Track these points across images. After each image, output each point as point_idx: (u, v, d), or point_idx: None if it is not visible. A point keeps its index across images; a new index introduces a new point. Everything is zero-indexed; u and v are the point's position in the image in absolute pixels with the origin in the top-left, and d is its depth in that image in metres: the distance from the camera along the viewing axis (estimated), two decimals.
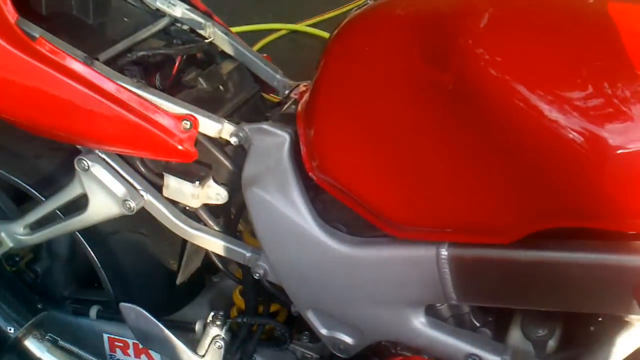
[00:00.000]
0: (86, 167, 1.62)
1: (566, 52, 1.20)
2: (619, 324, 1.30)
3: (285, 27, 4.47)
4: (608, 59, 1.18)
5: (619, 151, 1.11)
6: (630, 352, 1.30)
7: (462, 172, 1.27)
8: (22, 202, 2.07)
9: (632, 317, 1.28)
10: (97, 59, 1.58)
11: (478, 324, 1.51)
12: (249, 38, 1.98)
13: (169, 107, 1.54)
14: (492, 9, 1.29)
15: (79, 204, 1.71)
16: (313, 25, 4.51)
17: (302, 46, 4.38)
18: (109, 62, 1.63)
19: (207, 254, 1.87)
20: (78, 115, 1.55)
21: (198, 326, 1.84)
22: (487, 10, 1.28)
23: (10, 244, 1.90)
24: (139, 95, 1.53)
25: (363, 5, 1.48)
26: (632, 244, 1.19)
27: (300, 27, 4.51)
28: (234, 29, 1.96)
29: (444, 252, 1.33)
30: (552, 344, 1.41)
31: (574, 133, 1.13)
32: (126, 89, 1.53)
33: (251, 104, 1.83)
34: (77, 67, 1.52)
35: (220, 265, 1.79)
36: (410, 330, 1.47)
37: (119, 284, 1.96)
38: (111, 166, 1.63)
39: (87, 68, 1.53)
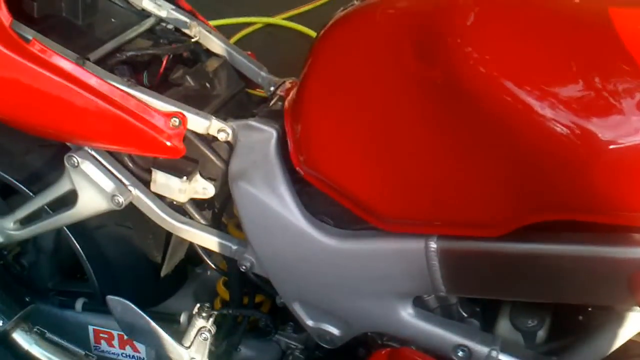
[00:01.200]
0: (76, 164, 1.65)
1: (554, 47, 1.22)
2: (609, 315, 1.32)
3: (260, 20, 4.47)
4: (597, 54, 1.20)
5: (609, 144, 1.13)
6: (620, 342, 1.32)
7: (450, 165, 1.29)
8: (7, 196, 2.09)
9: (623, 308, 1.29)
10: (88, 59, 1.60)
11: (466, 315, 1.52)
12: (225, 31, 2.00)
13: (158, 105, 1.56)
14: (480, 6, 1.30)
15: (68, 199, 1.74)
16: (289, 19, 4.50)
17: (277, 39, 4.39)
18: (99, 62, 1.65)
19: (190, 246, 1.89)
20: (71, 114, 1.56)
21: (183, 318, 1.88)
22: (474, 8, 1.29)
23: (0, 239, 1.93)
24: (129, 94, 1.55)
25: (349, 4, 1.49)
26: (622, 235, 1.20)
27: (276, 20, 4.50)
28: (210, 23, 1.99)
29: (433, 245, 1.34)
30: (541, 334, 1.43)
31: (563, 127, 1.14)
32: (117, 88, 1.55)
33: (237, 101, 1.86)
34: (70, 67, 1.54)
35: (206, 258, 1.82)
36: (398, 322, 1.48)
37: (104, 276, 1.99)
38: (100, 162, 1.66)
39: (79, 68, 1.55)
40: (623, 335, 1.32)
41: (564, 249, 1.25)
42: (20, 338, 1.95)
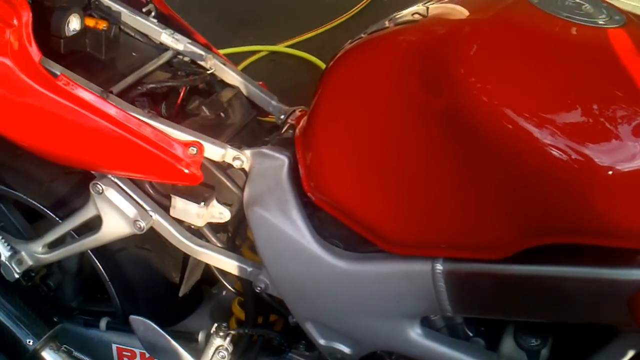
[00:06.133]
0: (100, 191, 1.71)
1: (556, 75, 1.27)
2: (611, 334, 1.33)
3: (265, 48, 4.58)
4: (598, 81, 1.25)
5: (608, 170, 1.16)
6: None
7: (455, 192, 1.33)
8: (32, 221, 2.15)
9: (624, 328, 1.31)
10: (112, 92, 1.68)
11: (471, 334, 1.54)
12: (232, 59, 2.08)
13: (177, 135, 1.63)
14: (483, 37, 1.35)
15: (92, 224, 1.80)
16: (291, 46, 4.62)
17: (281, 66, 4.50)
18: (122, 94, 1.72)
19: (206, 267, 1.95)
20: (97, 145, 1.63)
21: (201, 336, 1.92)
22: (477, 39, 1.35)
23: (30, 262, 1.98)
24: (150, 125, 1.62)
25: (359, 38, 1.54)
26: (623, 257, 1.22)
27: (280, 48, 4.61)
28: (219, 52, 2.07)
29: (439, 267, 1.38)
30: (545, 352, 1.42)
31: (564, 154, 1.18)
32: (139, 119, 1.62)
33: (249, 128, 1.93)
34: (95, 100, 1.61)
35: (222, 280, 1.88)
36: (406, 341, 1.52)
37: (126, 296, 2.04)
38: (123, 190, 1.72)
39: (104, 101, 1.61)
40: (625, 355, 1.33)
41: (565, 270, 1.27)
42: (49, 356, 1.99)
